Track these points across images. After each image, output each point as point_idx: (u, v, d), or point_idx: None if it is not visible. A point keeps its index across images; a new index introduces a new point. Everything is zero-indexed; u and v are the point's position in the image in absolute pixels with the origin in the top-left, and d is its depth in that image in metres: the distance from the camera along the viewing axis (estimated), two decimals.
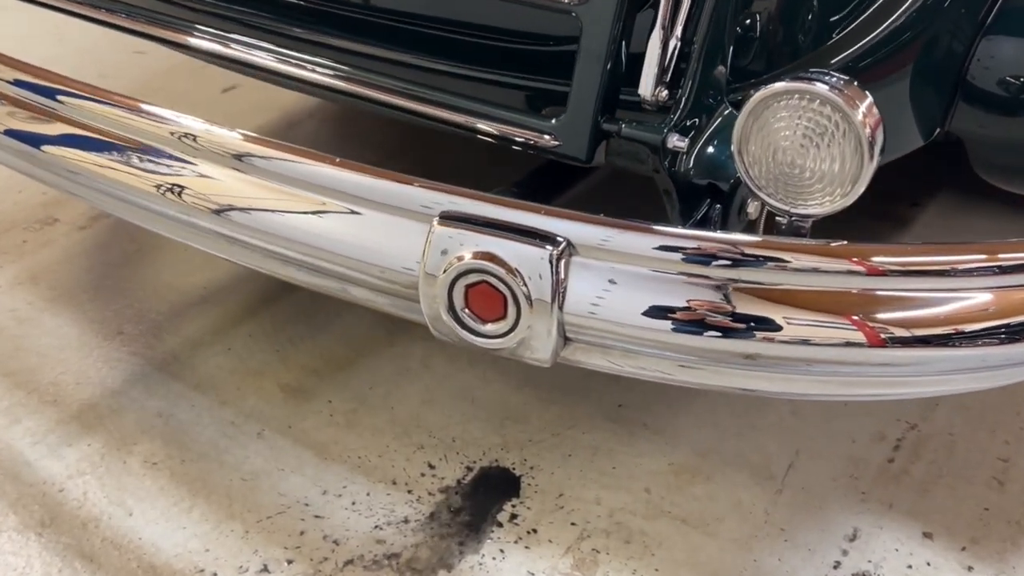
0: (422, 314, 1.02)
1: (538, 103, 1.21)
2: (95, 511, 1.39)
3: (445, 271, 0.97)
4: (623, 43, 1.00)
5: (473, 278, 0.96)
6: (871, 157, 0.88)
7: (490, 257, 0.94)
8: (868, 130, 0.87)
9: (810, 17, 1.15)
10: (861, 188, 0.89)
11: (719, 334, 0.94)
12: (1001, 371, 1.01)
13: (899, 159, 1.22)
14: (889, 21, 1.16)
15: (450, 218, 0.97)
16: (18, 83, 1.33)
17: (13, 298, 1.79)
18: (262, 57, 1.27)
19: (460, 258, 0.96)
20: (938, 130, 1.24)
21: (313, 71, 1.23)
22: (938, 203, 2.11)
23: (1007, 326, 0.95)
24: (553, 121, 1.04)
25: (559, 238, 0.94)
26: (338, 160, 1.03)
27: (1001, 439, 1.53)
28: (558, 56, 1.15)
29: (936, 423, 1.55)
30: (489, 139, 1.09)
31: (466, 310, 0.98)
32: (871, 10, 1.16)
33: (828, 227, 0.97)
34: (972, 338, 0.95)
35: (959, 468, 1.48)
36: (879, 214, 2.01)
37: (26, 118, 1.31)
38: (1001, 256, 0.95)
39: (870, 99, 0.88)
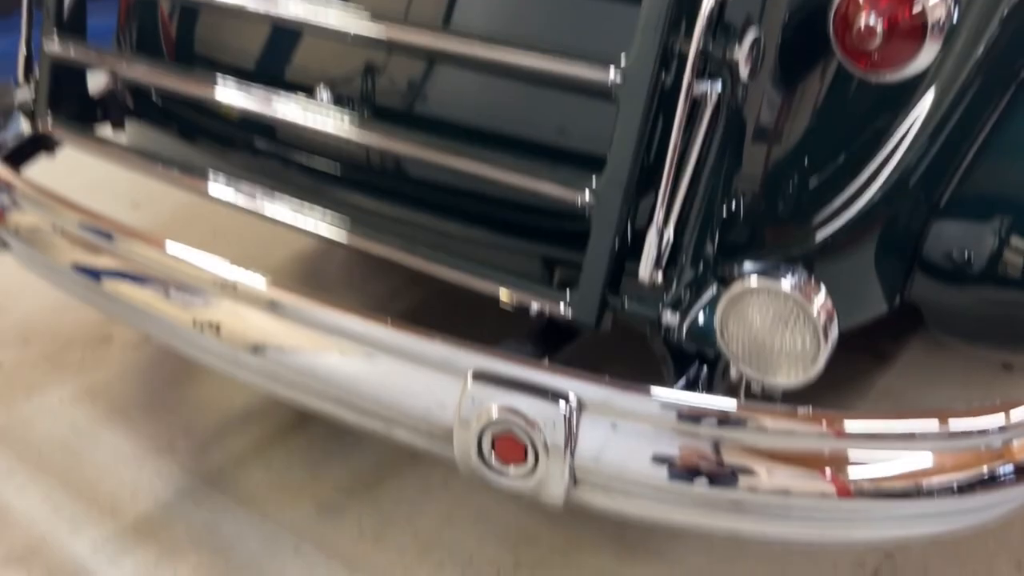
0: (454, 455, 1.20)
1: (550, 267, 1.42)
2: None
3: (476, 420, 1.15)
4: (625, 235, 1.21)
5: (499, 428, 1.15)
6: (825, 340, 1.08)
7: (514, 412, 1.13)
8: (823, 319, 1.08)
9: (789, 197, 1.35)
10: (820, 365, 1.09)
11: (707, 481, 1.12)
12: (956, 518, 1.19)
13: None
14: (861, 204, 1.35)
15: (482, 377, 1.16)
16: (83, 226, 1.55)
17: (73, 413, 1.97)
18: (291, 217, 1.46)
19: (489, 411, 1.14)
20: (898, 298, 1.43)
21: (349, 234, 1.41)
22: (920, 337, 2.27)
23: (958, 480, 1.14)
24: (567, 293, 1.24)
25: (571, 396, 1.13)
26: (390, 320, 1.23)
27: (971, 570, 1.67)
28: (570, 232, 1.36)
29: (911, 553, 1.70)
30: (508, 305, 1.28)
31: (493, 454, 1.16)
32: (844, 194, 1.36)
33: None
34: (929, 491, 1.14)
35: None
36: (860, 347, 2.18)
37: (90, 257, 1.53)
38: (951, 421, 1.14)
39: (823, 292, 1.09)
